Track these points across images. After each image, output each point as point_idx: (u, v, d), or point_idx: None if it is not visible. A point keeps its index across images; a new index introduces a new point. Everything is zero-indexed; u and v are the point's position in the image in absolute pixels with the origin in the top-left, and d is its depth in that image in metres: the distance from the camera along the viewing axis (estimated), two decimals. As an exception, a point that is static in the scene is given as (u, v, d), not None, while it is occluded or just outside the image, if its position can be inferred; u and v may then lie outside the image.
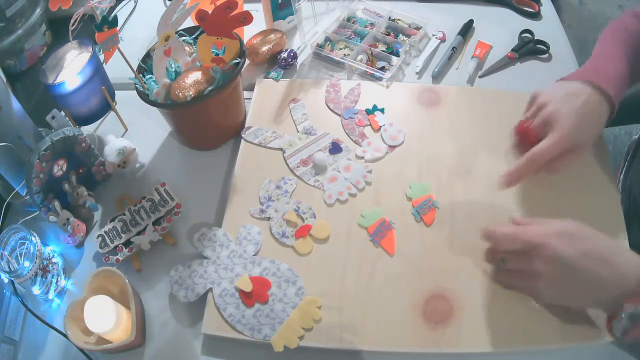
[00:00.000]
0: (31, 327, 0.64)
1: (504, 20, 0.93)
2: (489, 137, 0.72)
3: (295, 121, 0.77)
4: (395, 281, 0.60)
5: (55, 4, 0.63)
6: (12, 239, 0.63)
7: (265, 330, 0.58)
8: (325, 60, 0.88)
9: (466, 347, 0.55)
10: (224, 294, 0.60)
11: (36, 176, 0.64)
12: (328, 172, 0.71)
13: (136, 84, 0.70)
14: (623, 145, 0.73)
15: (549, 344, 0.55)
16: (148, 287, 0.65)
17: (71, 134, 0.67)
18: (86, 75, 0.71)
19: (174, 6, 0.65)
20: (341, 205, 0.68)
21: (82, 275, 0.67)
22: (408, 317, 0.58)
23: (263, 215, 0.67)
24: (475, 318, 0.57)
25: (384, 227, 0.65)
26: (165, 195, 0.69)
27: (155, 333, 0.62)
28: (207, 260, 0.64)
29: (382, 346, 0.56)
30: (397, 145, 0.73)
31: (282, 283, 0.61)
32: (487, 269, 0.60)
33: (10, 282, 0.62)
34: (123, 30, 1.00)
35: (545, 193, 0.66)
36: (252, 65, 0.88)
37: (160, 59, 0.69)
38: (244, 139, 0.76)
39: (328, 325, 0.58)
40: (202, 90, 0.68)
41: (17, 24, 0.89)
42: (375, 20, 0.92)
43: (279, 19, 0.90)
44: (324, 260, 0.63)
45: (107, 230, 0.67)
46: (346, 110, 0.78)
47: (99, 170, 0.74)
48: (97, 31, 0.62)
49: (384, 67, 0.84)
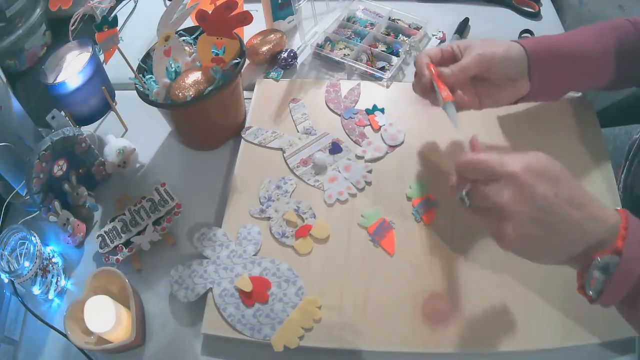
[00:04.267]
0: (31, 327, 0.64)
1: (504, 21, 0.93)
2: (489, 137, 0.72)
3: (295, 121, 0.77)
4: (395, 281, 0.60)
5: (55, 4, 0.63)
6: (12, 239, 0.63)
7: (265, 330, 0.58)
8: (325, 60, 0.88)
9: (466, 347, 0.55)
10: (224, 294, 0.60)
11: (36, 176, 0.64)
12: (328, 172, 0.71)
13: (136, 84, 0.70)
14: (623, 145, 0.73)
15: (549, 344, 0.55)
16: (148, 287, 0.65)
17: (71, 134, 0.67)
18: (86, 75, 0.71)
19: (174, 6, 0.65)
20: (341, 205, 0.68)
21: (82, 275, 0.67)
22: (408, 317, 0.58)
23: (263, 215, 0.67)
24: (475, 318, 0.57)
25: (384, 227, 0.65)
26: (165, 195, 0.69)
27: (155, 333, 0.62)
28: (207, 260, 0.64)
29: (382, 346, 0.56)
30: (397, 145, 0.73)
31: (282, 283, 0.61)
32: (487, 268, 0.60)
33: (10, 282, 0.62)
34: (123, 30, 1.00)
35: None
36: (252, 65, 0.88)
37: (160, 59, 0.69)
38: (244, 139, 0.76)
39: (328, 325, 0.58)
40: (202, 90, 0.68)
41: (17, 24, 0.89)
42: (375, 20, 0.92)
43: (279, 19, 0.90)
44: (324, 260, 0.63)
45: (107, 230, 0.67)
46: (346, 110, 0.78)
47: (99, 170, 0.74)
48: (97, 31, 0.62)
49: (384, 67, 0.84)
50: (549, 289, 0.58)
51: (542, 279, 0.59)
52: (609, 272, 0.45)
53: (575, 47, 0.63)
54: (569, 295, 0.57)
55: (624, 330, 0.55)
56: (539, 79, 0.63)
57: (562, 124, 0.73)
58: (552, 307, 0.57)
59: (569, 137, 0.71)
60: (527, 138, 0.71)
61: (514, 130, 0.72)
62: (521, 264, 0.60)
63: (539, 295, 0.58)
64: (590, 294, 0.47)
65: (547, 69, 0.62)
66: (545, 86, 0.64)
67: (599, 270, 0.45)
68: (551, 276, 0.59)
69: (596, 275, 0.46)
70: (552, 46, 0.62)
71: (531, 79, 0.62)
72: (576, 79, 0.65)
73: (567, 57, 0.62)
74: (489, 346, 0.55)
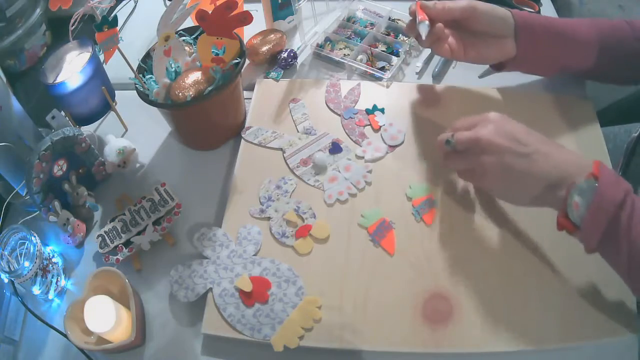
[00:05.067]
0: (31, 327, 0.64)
1: (504, 20, 0.93)
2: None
3: (295, 121, 0.77)
4: (395, 281, 0.60)
5: (55, 4, 0.63)
6: (12, 239, 0.63)
7: (265, 330, 0.58)
8: (325, 60, 0.88)
9: (466, 347, 0.55)
10: (224, 294, 0.60)
11: (36, 176, 0.64)
12: (328, 172, 0.71)
13: (136, 84, 0.70)
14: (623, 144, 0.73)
15: (549, 344, 0.55)
16: (148, 287, 0.65)
17: (71, 134, 0.67)
18: (86, 75, 0.71)
19: (174, 6, 0.65)
20: (341, 205, 0.68)
21: (82, 275, 0.67)
22: (408, 317, 0.58)
23: (263, 215, 0.67)
24: (475, 318, 0.57)
25: (384, 227, 0.65)
26: (165, 195, 0.69)
27: (155, 333, 0.62)
28: (207, 260, 0.64)
29: (382, 346, 0.56)
30: (397, 145, 0.73)
31: (282, 283, 0.61)
32: (487, 268, 0.60)
33: (10, 282, 0.62)
34: (123, 30, 1.00)
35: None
36: (252, 65, 0.88)
37: (160, 59, 0.69)
38: (244, 139, 0.76)
39: (328, 325, 0.58)
40: (202, 90, 0.68)
41: (17, 24, 0.89)
42: (375, 20, 0.92)
43: (279, 19, 0.90)
44: (324, 260, 0.63)
45: (107, 230, 0.67)
46: (346, 110, 0.78)
47: (99, 170, 0.74)
48: (97, 31, 0.62)
49: (384, 67, 0.84)
50: (549, 289, 0.58)
51: (542, 279, 0.59)
52: (589, 199, 0.49)
53: (564, 26, 0.67)
54: (569, 295, 0.58)
55: (624, 330, 0.55)
56: (525, 43, 0.67)
57: (562, 123, 0.73)
58: (551, 307, 0.57)
59: (568, 136, 0.71)
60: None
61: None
62: (521, 264, 0.60)
63: (539, 295, 0.58)
64: (573, 221, 0.51)
65: (533, 35, 0.66)
66: (531, 52, 0.68)
67: (579, 194, 0.50)
68: (551, 276, 0.59)
69: (577, 200, 0.50)
70: (540, 19, 0.67)
71: (518, 41, 0.67)
72: (561, 54, 0.68)
73: (554, 31, 0.66)
74: (489, 346, 0.55)
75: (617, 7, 1.05)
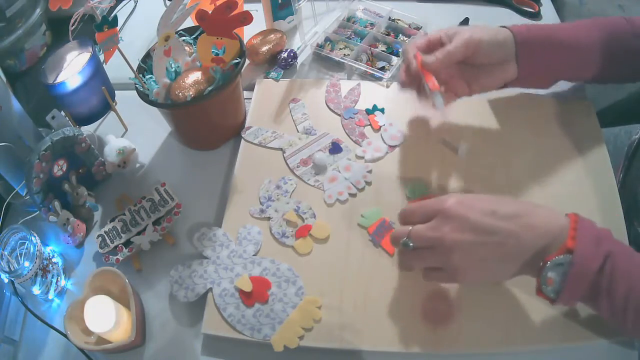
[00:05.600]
0: (31, 327, 0.64)
1: (504, 20, 0.92)
2: (488, 139, 0.72)
3: (295, 121, 0.77)
4: (395, 281, 0.60)
5: (55, 4, 0.63)
6: (12, 239, 0.63)
7: (265, 330, 0.58)
8: (325, 60, 0.88)
9: (466, 347, 0.55)
10: (224, 294, 0.60)
11: (36, 176, 0.64)
12: (328, 172, 0.71)
13: (136, 84, 0.70)
14: (623, 145, 0.73)
15: (549, 344, 0.55)
16: (148, 287, 0.65)
17: (71, 134, 0.67)
18: (86, 75, 0.71)
19: (174, 6, 0.65)
20: (341, 205, 0.68)
21: (82, 275, 0.67)
22: (408, 317, 0.58)
23: (263, 215, 0.67)
24: (475, 318, 0.57)
25: (384, 227, 0.65)
26: (165, 195, 0.69)
27: (155, 333, 0.62)
28: (207, 260, 0.64)
29: (382, 346, 0.56)
30: (397, 145, 0.73)
31: (282, 283, 0.61)
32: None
33: (10, 282, 0.62)
34: (123, 30, 1.00)
35: (545, 191, 0.66)
36: (252, 65, 0.88)
37: (160, 59, 0.69)
38: (244, 139, 0.76)
39: (328, 325, 0.58)
40: (202, 90, 0.68)
41: (17, 24, 0.89)
42: (375, 20, 0.92)
43: (279, 19, 0.90)
44: (324, 260, 0.63)
45: (107, 230, 0.67)
46: (346, 110, 0.78)
47: (99, 170, 0.74)
48: (97, 31, 0.62)
49: (384, 67, 0.84)
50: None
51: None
52: (564, 272, 0.46)
53: (564, 36, 0.64)
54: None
55: (624, 330, 0.55)
56: (527, 64, 0.64)
57: (562, 123, 0.73)
58: (552, 307, 0.57)
59: (568, 137, 0.71)
60: (527, 138, 0.71)
61: (513, 131, 0.72)
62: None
63: (539, 295, 0.58)
64: (549, 296, 0.48)
65: (534, 53, 0.64)
66: (533, 71, 0.65)
67: (553, 271, 0.47)
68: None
69: (551, 277, 0.47)
70: (541, 32, 0.64)
71: (519, 63, 0.64)
72: (563, 67, 0.66)
73: (555, 44, 0.64)
74: (489, 346, 0.55)
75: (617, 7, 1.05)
